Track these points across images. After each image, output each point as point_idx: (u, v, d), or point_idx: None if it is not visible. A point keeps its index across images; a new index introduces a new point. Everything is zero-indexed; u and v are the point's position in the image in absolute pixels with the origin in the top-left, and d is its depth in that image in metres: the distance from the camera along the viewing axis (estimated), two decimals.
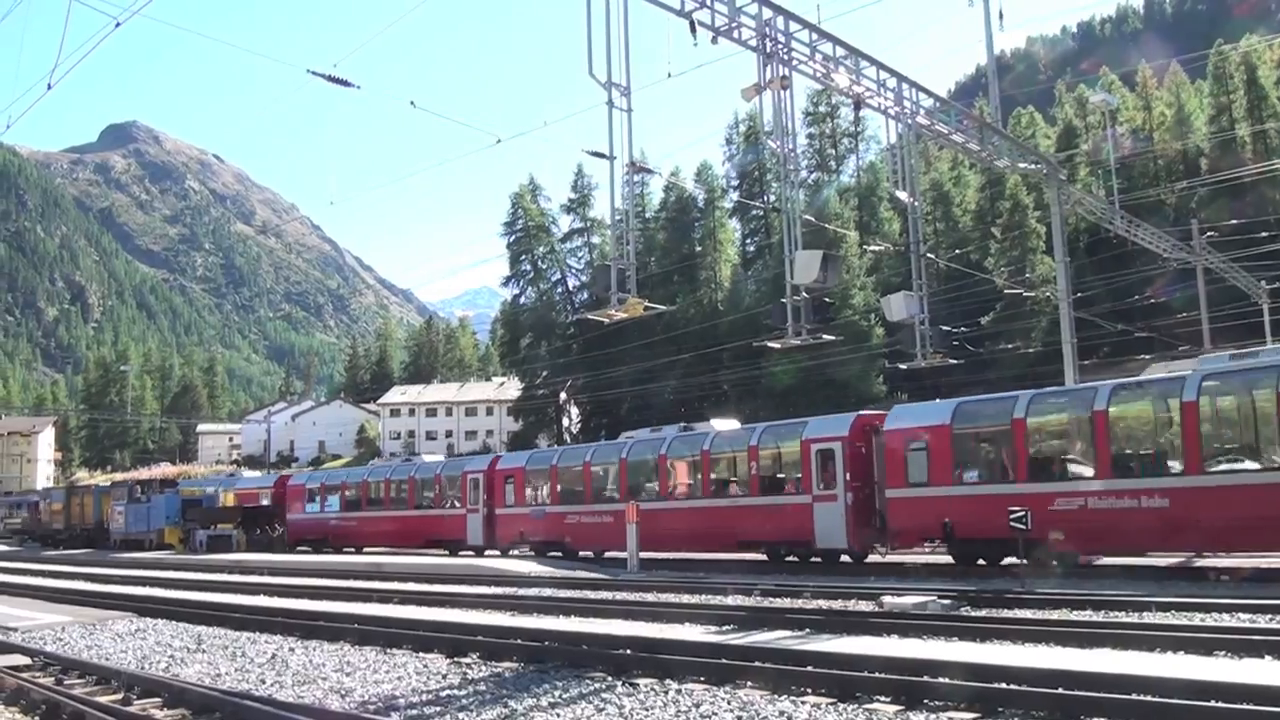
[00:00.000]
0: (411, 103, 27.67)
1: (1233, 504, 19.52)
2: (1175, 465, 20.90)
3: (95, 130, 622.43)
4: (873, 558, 27.27)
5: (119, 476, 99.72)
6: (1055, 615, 15.51)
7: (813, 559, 27.68)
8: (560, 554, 33.98)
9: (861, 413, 28.41)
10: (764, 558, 28.83)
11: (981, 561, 23.89)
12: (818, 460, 26.77)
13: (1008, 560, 22.70)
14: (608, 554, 32.97)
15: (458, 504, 39.14)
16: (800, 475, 27.50)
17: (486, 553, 37.01)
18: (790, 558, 28.15)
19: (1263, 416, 19.97)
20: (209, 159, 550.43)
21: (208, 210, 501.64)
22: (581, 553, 34.01)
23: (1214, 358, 22.12)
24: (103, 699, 11.25)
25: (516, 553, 35.84)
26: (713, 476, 30.17)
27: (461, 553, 38.28)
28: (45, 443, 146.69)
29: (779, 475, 28.93)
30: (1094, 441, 21.81)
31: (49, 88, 18.20)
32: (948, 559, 24.82)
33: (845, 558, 27.18)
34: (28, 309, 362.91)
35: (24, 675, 12.58)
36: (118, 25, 17.01)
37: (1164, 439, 21.88)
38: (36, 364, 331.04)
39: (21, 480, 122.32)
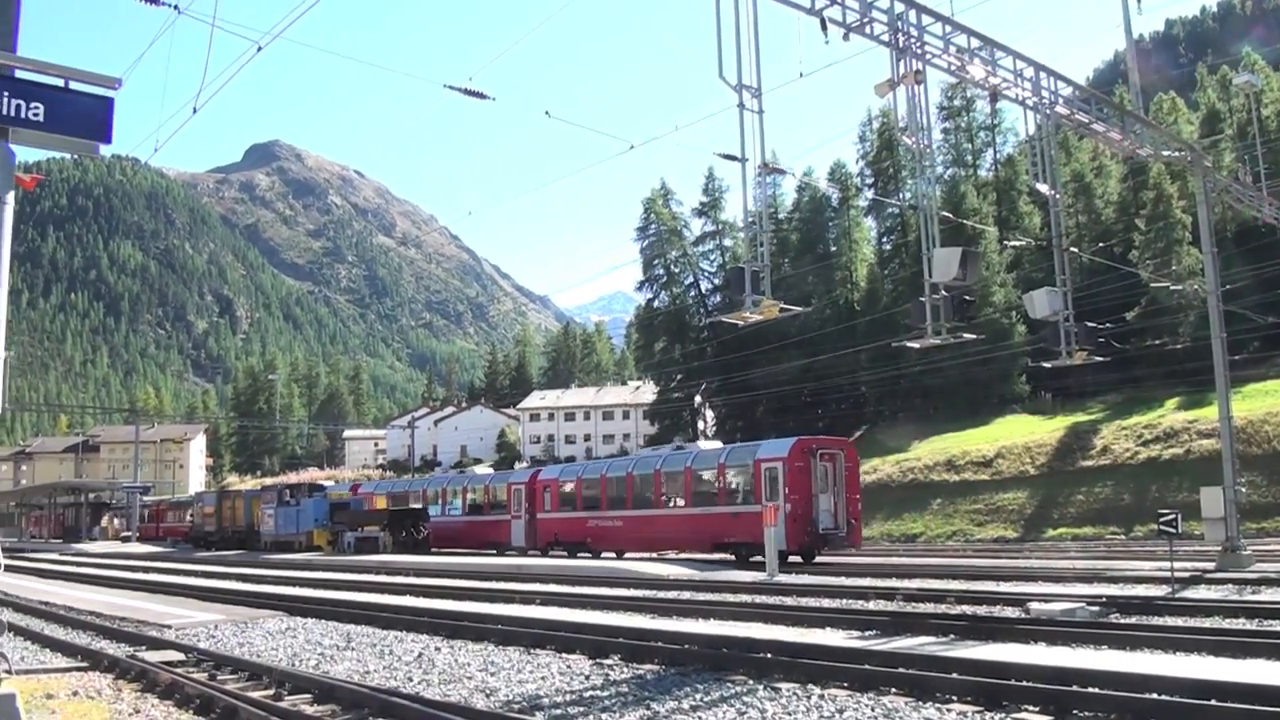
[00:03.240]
0: (546, 112, 28.09)
1: (649, 526, 36.89)
2: (620, 507, 38.79)
3: (239, 150, 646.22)
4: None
5: (268, 481, 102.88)
6: (1207, 623, 15.01)
7: (509, 551, 44.22)
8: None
9: (536, 469, 49.17)
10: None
11: (584, 555, 39.19)
12: (513, 495, 45.10)
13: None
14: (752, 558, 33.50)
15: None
16: (505, 503, 45.79)
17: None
18: (508, 552, 43.89)
19: (656, 482, 37.41)
20: (350, 174, 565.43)
21: (350, 224, 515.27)
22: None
23: (655, 448, 42.14)
24: (254, 694, 11.57)
25: (655, 555, 36.78)
26: (470, 499, 50.09)
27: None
28: (197, 449, 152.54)
29: (499, 502, 46.89)
30: (599, 492, 40.44)
31: (194, 111, 18.68)
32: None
33: (532, 551, 43.11)
34: (178, 322, 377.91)
35: (179, 671, 13.03)
36: (259, 49, 17.43)
37: (621, 492, 39.26)
38: (187, 374, 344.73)
39: (175, 485, 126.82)
